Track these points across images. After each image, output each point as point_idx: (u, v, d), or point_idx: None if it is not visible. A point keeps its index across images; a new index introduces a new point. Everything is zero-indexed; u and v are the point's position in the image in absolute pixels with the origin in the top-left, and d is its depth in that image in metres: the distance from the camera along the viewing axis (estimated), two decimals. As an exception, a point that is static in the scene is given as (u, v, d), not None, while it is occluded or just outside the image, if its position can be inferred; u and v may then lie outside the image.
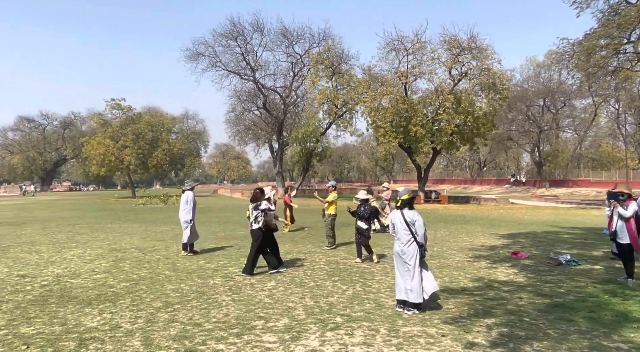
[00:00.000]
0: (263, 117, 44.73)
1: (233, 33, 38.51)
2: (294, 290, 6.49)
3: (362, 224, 8.60)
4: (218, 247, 10.71)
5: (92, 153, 40.61)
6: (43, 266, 8.34)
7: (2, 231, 14.40)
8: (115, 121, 43.13)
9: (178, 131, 55.73)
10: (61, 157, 74.44)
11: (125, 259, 9.02)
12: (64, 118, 72.78)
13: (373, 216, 8.98)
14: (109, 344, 4.29)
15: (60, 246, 10.96)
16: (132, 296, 6.12)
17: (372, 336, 4.53)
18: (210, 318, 5.12)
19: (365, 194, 9.05)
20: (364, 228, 8.55)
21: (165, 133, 45.41)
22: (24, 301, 5.92)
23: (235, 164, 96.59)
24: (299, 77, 41.16)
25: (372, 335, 4.55)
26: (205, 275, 7.52)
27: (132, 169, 42.40)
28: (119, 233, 13.56)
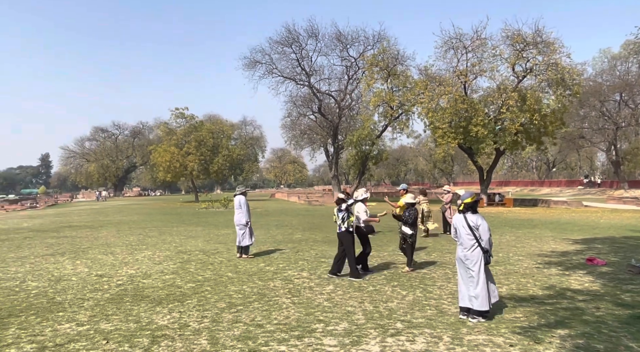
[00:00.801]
0: (318, 122, 45.18)
1: (288, 40, 39.33)
2: (352, 294, 6.47)
3: (406, 230, 8.29)
4: (277, 250, 10.93)
5: (158, 160, 42.99)
6: (118, 267, 8.93)
7: (82, 233, 15.60)
8: (179, 129, 45.42)
9: (237, 137, 57.67)
10: (131, 164, 79.63)
11: (190, 261, 9.45)
12: (134, 127, 77.89)
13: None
14: (178, 342, 4.51)
15: (132, 247, 11.68)
16: (198, 297, 6.40)
17: (434, 343, 4.40)
18: (272, 320, 5.23)
19: (413, 198, 8.83)
20: (409, 234, 8.29)
21: (225, 140, 47.12)
22: (103, 299, 6.38)
23: (291, 169, 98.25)
24: (353, 80, 41.16)
25: (435, 342, 4.42)
26: (266, 277, 7.70)
27: (195, 174, 44.39)
28: (184, 236, 14.23)
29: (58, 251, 11.16)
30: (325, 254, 10.10)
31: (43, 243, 12.89)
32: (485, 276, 5.22)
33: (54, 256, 10.36)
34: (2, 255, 10.67)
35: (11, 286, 7.25)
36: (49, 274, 8.27)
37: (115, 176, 75.05)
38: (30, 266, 9.11)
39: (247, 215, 9.99)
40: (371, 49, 38.18)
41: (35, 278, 7.90)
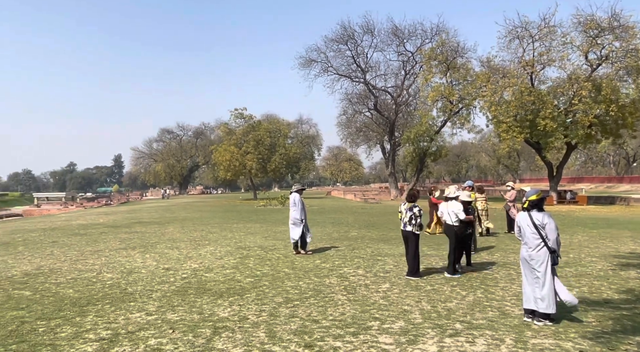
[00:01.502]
0: (374, 118, 44.80)
1: (344, 37, 39.36)
2: (409, 293, 6.36)
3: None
4: (332, 247, 10.98)
5: (219, 159, 44.67)
6: (183, 261, 9.40)
7: (150, 229, 16.58)
8: (238, 129, 46.92)
9: (293, 136, 58.58)
10: (195, 164, 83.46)
11: (249, 257, 9.74)
12: (197, 128, 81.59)
13: None
14: (238, 334, 4.67)
15: (195, 243, 12.25)
16: (256, 291, 6.58)
17: (496, 345, 4.22)
18: (327, 316, 5.27)
19: (467, 196, 8.58)
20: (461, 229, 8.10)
21: (282, 138, 48.03)
22: (169, 291, 6.74)
23: (347, 166, 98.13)
24: (410, 75, 40.39)
25: (497, 345, 4.23)
26: (322, 274, 7.76)
27: (253, 173, 45.65)
28: (244, 232, 14.70)
29: (129, 246, 11.94)
30: (381, 252, 10.01)
31: (116, 238, 13.84)
32: (552, 277, 4.92)
33: (125, 250, 11.09)
34: (81, 248, 11.59)
35: (89, 277, 7.86)
36: (122, 266, 8.87)
37: (180, 174, 78.95)
38: (105, 259, 9.82)
39: (302, 212, 10.12)
40: (429, 43, 37.28)
41: (110, 270, 8.50)
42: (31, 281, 7.56)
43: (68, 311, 5.63)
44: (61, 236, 14.47)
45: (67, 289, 6.91)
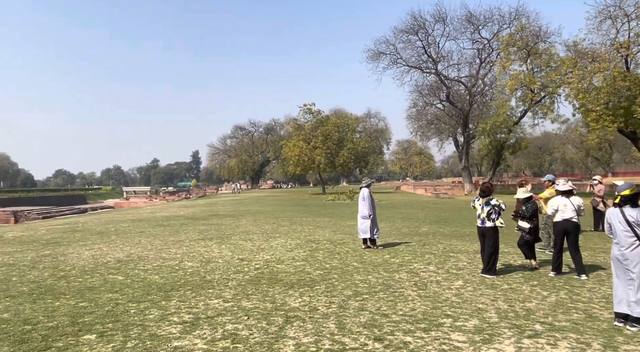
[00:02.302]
0: (446, 110, 43.28)
1: (414, 27, 38.39)
2: (484, 291, 6.10)
3: (523, 224, 7.66)
4: (402, 242, 10.82)
5: (289, 154, 45.76)
6: (256, 252, 9.79)
7: (226, 222, 17.43)
8: (307, 125, 47.70)
9: (361, 130, 58.41)
10: (265, 159, 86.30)
11: (318, 250, 9.90)
12: (267, 125, 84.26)
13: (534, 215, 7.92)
14: (309, 324, 4.79)
15: (267, 235, 12.68)
16: (326, 283, 6.68)
17: (581, 349, 3.92)
18: (397, 311, 5.22)
19: (525, 192, 8.14)
20: (526, 228, 7.59)
21: (350, 133, 48.12)
22: (244, 280, 7.06)
23: (417, 160, 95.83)
24: (486, 63, 38.44)
25: (582, 349, 3.94)
26: (391, 269, 7.69)
27: (322, 167, 46.22)
28: (313, 226, 14.95)
29: (207, 237, 12.65)
30: (454, 249, 9.69)
31: (195, 229, 14.73)
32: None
33: (204, 241, 11.76)
34: (165, 238, 12.49)
35: (172, 265, 8.45)
36: (201, 256, 9.43)
37: (252, 169, 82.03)
38: (186, 249, 10.49)
39: (371, 207, 10.06)
40: (507, 28, 35.22)
41: (190, 259, 9.08)
42: (123, 267, 8.30)
43: (155, 295, 6.10)
44: (147, 227, 15.68)
45: (153, 275, 7.49)
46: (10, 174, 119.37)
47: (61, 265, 8.54)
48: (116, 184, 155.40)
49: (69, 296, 6.09)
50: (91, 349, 4.13)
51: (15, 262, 8.99)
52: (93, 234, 13.76)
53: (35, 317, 5.14)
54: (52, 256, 9.70)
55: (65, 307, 5.56)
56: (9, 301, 5.91)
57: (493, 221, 7.13)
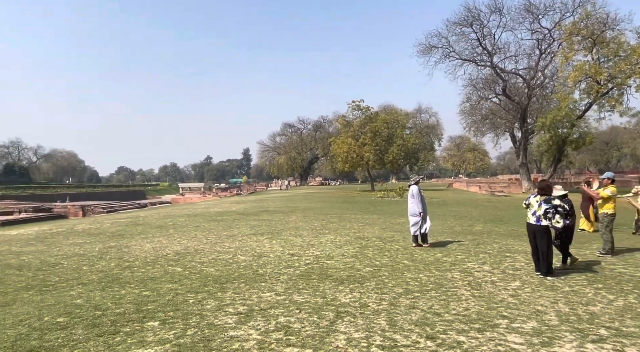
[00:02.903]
0: (502, 104, 41.56)
1: (468, 19, 37.15)
2: (543, 293, 5.84)
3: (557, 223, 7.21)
4: (455, 241, 10.56)
5: (337, 151, 45.80)
6: (305, 248, 9.92)
7: (276, 217, 17.79)
8: (355, 121, 47.51)
9: (412, 126, 57.41)
10: (314, 156, 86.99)
11: (368, 247, 9.88)
12: (316, 122, 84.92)
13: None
14: (359, 319, 4.81)
15: (316, 231, 12.81)
16: (376, 280, 6.67)
17: (653, 360, 3.67)
18: (450, 310, 5.12)
19: (562, 189, 7.85)
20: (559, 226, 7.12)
21: (399, 129, 47.39)
22: (294, 274, 7.19)
23: (471, 157, 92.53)
24: (546, 54, 36.48)
25: (654, 359, 3.68)
26: (443, 268, 7.54)
27: (371, 164, 45.87)
28: (362, 223, 14.92)
29: (258, 232, 12.98)
30: (510, 249, 9.33)
31: (247, 224, 15.15)
32: None
33: (255, 236, 12.09)
34: (219, 233, 12.95)
35: (226, 259, 8.76)
36: (253, 250, 9.71)
37: (301, 166, 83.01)
38: (239, 243, 10.83)
39: (421, 205, 9.89)
40: (570, 16, 33.18)
41: (243, 253, 9.36)
42: (181, 259, 8.71)
43: (211, 287, 6.37)
44: (202, 222, 16.33)
45: (209, 267, 7.81)
46: (78, 171, 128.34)
47: (125, 256, 9.10)
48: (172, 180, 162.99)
49: (133, 285, 6.50)
50: (155, 335, 4.39)
51: (85, 252, 9.69)
52: (153, 228, 14.51)
53: (104, 303, 5.53)
54: (117, 247, 10.36)
55: (130, 295, 5.94)
56: (81, 288, 6.39)
57: (549, 219, 6.82)
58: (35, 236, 13.25)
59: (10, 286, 6.54)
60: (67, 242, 11.52)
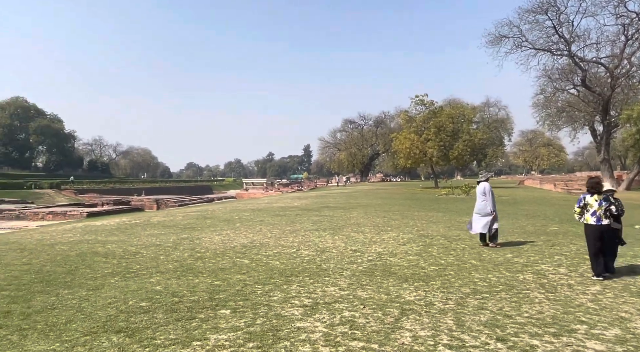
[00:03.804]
0: (581, 96, 38.65)
1: (543, 6, 34.90)
2: (628, 299, 5.40)
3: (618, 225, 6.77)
4: (527, 241, 10.04)
5: (399, 147, 45.00)
6: (368, 244, 9.91)
7: (337, 213, 17.90)
8: (418, 116, 46.43)
9: (479, 121, 55.08)
10: (375, 152, 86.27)
11: (432, 245, 9.67)
12: (377, 117, 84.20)
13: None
14: (425, 318, 4.75)
15: (378, 228, 12.74)
16: (441, 279, 6.53)
17: None
18: (522, 312, 4.90)
19: (610, 185, 7.11)
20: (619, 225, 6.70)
21: (465, 124, 45.60)
22: (357, 271, 7.23)
23: (544, 152, 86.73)
24: (633, 41, 33.38)
25: None
26: (514, 269, 7.20)
27: (434, 160, 44.62)
28: (425, 221, 14.60)
29: (320, 227, 13.15)
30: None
31: (309, 220, 15.40)
32: None
33: (317, 231, 12.26)
34: (282, 227, 13.29)
35: (290, 252, 8.99)
36: (315, 245, 9.86)
37: (362, 162, 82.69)
38: (302, 238, 11.05)
39: (493, 204, 9.49)
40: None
41: (306, 248, 9.55)
42: (248, 251, 9.07)
43: (277, 279, 6.58)
44: (266, 216, 16.84)
45: (274, 261, 8.06)
46: (151, 166, 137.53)
47: (197, 247, 9.64)
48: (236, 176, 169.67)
49: (205, 275, 6.88)
50: (227, 322, 4.63)
51: (161, 243, 10.39)
52: (221, 221, 15.21)
53: (180, 291, 5.92)
54: (189, 239, 10.99)
55: (203, 284, 6.30)
56: (159, 276, 6.88)
57: (609, 218, 6.44)
58: (117, 226, 14.40)
59: (99, 272, 7.19)
60: (145, 233, 12.41)
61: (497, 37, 37.33)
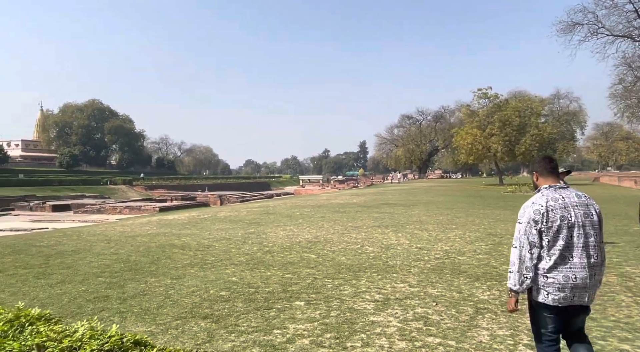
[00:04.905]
0: (666, 85, 35.35)
1: (624, -12, 32.21)
2: None
3: None
4: (607, 242, 9.41)
5: (460, 143, 43.57)
6: (433, 242, 9.78)
7: (398, 210, 17.75)
8: (481, 110, 44.66)
9: (548, 114, 51.95)
10: (434, 148, 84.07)
11: (502, 244, 9.35)
12: (436, 112, 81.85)
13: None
14: (502, 317, 4.65)
15: (443, 226, 12.49)
16: (515, 279, 6.32)
17: None
18: (608, 316, 4.66)
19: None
20: None
21: (533, 117, 43.18)
22: (425, 268, 7.17)
23: (622, 146, 79.88)
24: None
25: None
26: (594, 270, 6.81)
27: (499, 156, 42.75)
28: (492, 219, 14.10)
29: (382, 224, 13.13)
30: (679, 253, 8.03)
31: (370, 217, 15.42)
32: None
33: (379, 228, 12.26)
34: (344, 224, 13.43)
35: (355, 249, 9.09)
36: (379, 242, 9.88)
37: (420, 159, 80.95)
38: (365, 234, 11.11)
39: None
40: None
41: (370, 244, 9.60)
42: (313, 247, 9.28)
43: (345, 274, 6.71)
44: (326, 213, 17.06)
45: (340, 256, 8.20)
46: (213, 164, 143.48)
47: (264, 241, 10.01)
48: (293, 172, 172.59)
49: (276, 268, 7.16)
50: (303, 313, 4.82)
51: (230, 237, 10.90)
52: (283, 217, 15.63)
53: (255, 282, 6.22)
54: (256, 233, 11.43)
55: (275, 276, 6.56)
56: (233, 268, 7.25)
57: None
58: (188, 221, 15.25)
59: (179, 263, 7.71)
60: (214, 227, 13.05)
61: (570, 25, 34.99)
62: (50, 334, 2.10)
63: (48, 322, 2.41)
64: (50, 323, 2.39)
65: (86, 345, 2.05)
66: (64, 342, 2.03)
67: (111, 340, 2.18)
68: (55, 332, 2.12)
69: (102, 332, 2.27)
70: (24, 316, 2.53)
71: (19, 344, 2.02)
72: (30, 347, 2.01)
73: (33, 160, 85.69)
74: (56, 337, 2.07)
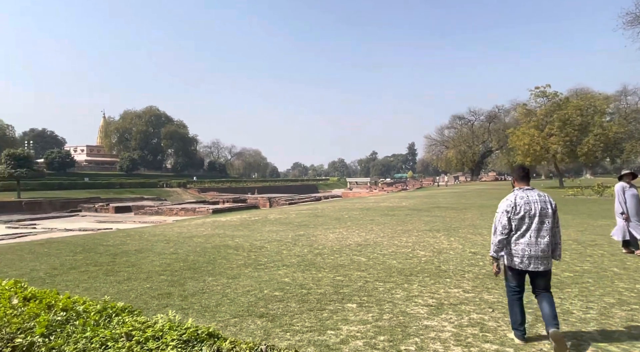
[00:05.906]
0: None
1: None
2: None
3: None
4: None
5: (517, 143, 41.74)
6: (488, 247, 9.45)
7: (449, 214, 17.33)
8: (539, 110, 42.62)
9: (613, 112, 48.65)
10: (487, 149, 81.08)
11: (564, 250, 8.88)
12: (489, 112, 78.88)
13: None
14: (563, 326, 4.45)
15: (498, 230, 12.05)
16: (578, 287, 6.02)
17: None
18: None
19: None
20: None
21: (597, 116, 40.61)
22: (480, 273, 6.98)
23: (697, 146, 73.49)
24: None
25: None
26: (668, 279, 6.35)
27: (559, 157, 40.57)
28: (551, 223, 13.42)
29: (434, 228, 12.89)
30: None
31: (420, 220, 15.17)
32: None
33: (431, 232, 12.04)
34: (394, 227, 13.30)
35: (406, 252, 9.00)
36: (431, 246, 9.72)
37: (472, 160, 78.39)
38: (415, 238, 10.96)
39: (624, 204, 8.47)
40: None
41: (422, 248, 9.46)
42: (363, 250, 9.29)
43: (396, 278, 6.67)
44: (375, 216, 16.98)
45: (391, 260, 8.16)
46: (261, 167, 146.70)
47: (314, 244, 10.14)
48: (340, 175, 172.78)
49: (327, 270, 7.25)
50: (355, 315, 4.87)
51: (281, 239, 11.13)
52: (332, 220, 15.73)
53: (307, 283, 6.34)
54: (305, 236, 11.59)
55: (326, 278, 6.65)
56: (285, 269, 7.42)
57: None
58: (240, 222, 15.73)
59: (234, 263, 8.00)
60: (265, 229, 13.38)
61: (638, 17, 32.69)
62: (135, 324, 2.34)
63: (131, 314, 2.66)
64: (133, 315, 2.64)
65: (167, 335, 2.28)
66: (148, 332, 2.27)
67: (188, 331, 2.40)
68: (139, 323, 2.36)
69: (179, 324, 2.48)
70: (110, 307, 2.82)
71: (110, 332, 2.28)
72: (119, 335, 2.24)
73: (97, 165, 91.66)
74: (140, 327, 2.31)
